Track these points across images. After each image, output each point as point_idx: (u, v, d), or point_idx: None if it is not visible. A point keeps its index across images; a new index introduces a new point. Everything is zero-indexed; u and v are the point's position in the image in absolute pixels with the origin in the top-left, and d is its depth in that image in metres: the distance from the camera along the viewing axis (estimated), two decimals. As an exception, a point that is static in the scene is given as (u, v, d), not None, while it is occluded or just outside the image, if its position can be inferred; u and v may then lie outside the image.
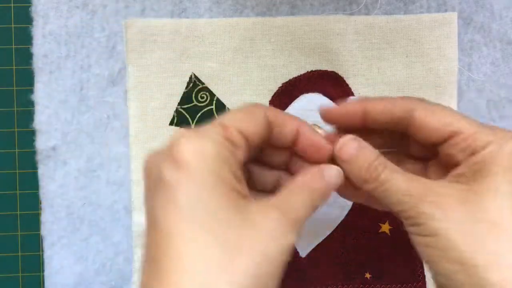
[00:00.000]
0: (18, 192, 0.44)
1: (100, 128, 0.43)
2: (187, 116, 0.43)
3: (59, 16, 0.43)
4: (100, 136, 0.43)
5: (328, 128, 0.43)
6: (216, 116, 0.42)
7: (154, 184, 0.27)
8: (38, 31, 0.43)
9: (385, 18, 0.43)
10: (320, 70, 0.43)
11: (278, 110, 0.33)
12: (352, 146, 0.32)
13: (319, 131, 0.43)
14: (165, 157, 0.27)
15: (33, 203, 0.44)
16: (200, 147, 0.27)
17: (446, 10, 0.43)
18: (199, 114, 0.43)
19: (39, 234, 0.43)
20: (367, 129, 0.34)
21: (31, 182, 0.44)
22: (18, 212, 0.44)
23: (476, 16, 0.44)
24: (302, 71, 0.43)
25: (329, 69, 0.43)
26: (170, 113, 0.43)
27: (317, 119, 0.43)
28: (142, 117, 0.43)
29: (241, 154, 0.29)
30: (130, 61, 0.43)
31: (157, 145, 0.42)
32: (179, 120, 0.43)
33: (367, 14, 0.43)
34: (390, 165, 0.31)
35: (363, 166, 0.31)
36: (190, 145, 0.27)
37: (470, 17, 0.44)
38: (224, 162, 0.27)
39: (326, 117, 0.35)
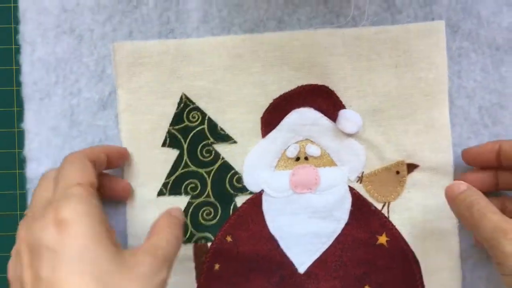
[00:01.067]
0: (18, 192, 0.44)
1: (93, 153, 0.43)
2: (179, 137, 0.43)
3: (47, 43, 0.43)
4: (93, 161, 0.43)
5: (324, 144, 0.43)
6: (208, 136, 0.43)
7: (37, 249, 0.31)
8: (27, 58, 0.43)
9: (373, 29, 0.43)
10: (310, 85, 0.43)
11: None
12: (458, 187, 0.37)
13: (313, 146, 0.44)
14: (43, 224, 0.31)
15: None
16: (74, 209, 0.31)
17: (433, 19, 0.43)
18: (191, 134, 0.43)
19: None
20: (501, 167, 0.40)
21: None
22: (18, 212, 0.44)
23: (463, 23, 0.44)
24: (293, 86, 0.43)
25: (320, 83, 0.43)
26: (162, 134, 0.43)
27: (309, 133, 0.44)
28: (134, 140, 0.43)
29: (100, 205, 0.34)
30: (119, 84, 0.43)
31: (149, 167, 0.43)
32: (171, 141, 0.43)
33: (354, 26, 0.43)
34: (489, 205, 0.35)
35: (462, 204, 0.36)
36: (66, 209, 0.31)
37: (458, 25, 0.44)
38: (95, 217, 0.32)
39: (465, 157, 0.42)
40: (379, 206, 0.44)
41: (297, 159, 0.44)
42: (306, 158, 0.44)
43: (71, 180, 0.34)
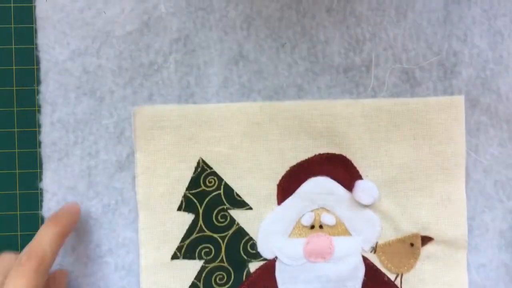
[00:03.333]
0: (18, 192, 0.44)
1: (108, 214, 0.43)
2: (195, 201, 0.43)
3: (67, 103, 0.43)
4: (109, 222, 0.43)
5: (339, 213, 0.43)
6: (224, 201, 0.43)
7: None
8: (46, 119, 0.43)
9: (392, 101, 0.43)
10: (327, 153, 0.43)
11: None
12: None
13: (328, 215, 0.44)
14: None
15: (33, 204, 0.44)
16: None
17: (452, 93, 0.44)
18: (207, 199, 0.43)
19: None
20: None
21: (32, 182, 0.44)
22: (18, 213, 0.44)
23: (482, 98, 0.44)
24: (310, 155, 0.43)
25: (337, 152, 0.43)
26: (178, 198, 0.43)
27: (325, 202, 0.44)
28: (150, 203, 0.43)
29: None
30: (138, 147, 0.43)
31: (164, 231, 0.43)
32: (187, 205, 0.43)
33: (373, 96, 0.44)
34: None
35: None
36: None
37: (477, 99, 0.44)
38: None
39: None
40: (392, 277, 0.44)
41: (312, 227, 0.44)
42: (320, 227, 0.44)
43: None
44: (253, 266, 0.43)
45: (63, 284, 0.41)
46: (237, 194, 0.43)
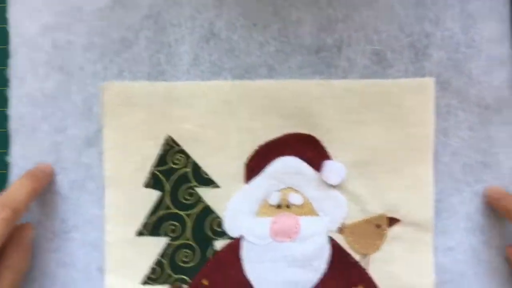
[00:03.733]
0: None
1: (75, 190, 0.43)
2: (162, 178, 0.43)
3: (36, 78, 0.43)
4: (75, 198, 0.43)
5: (307, 193, 0.43)
6: (191, 179, 0.43)
7: None
8: (15, 93, 0.43)
9: (363, 82, 0.43)
10: (297, 134, 0.43)
11: None
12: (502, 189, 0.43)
13: (295, 194, 0.44)
14: None
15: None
16: None
17: (424, 74, 0.43)
18: (174, 176, 0.43)
19: None
20: None
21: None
22: None
23: (453, 81, 0.43)
24: (279, 134, 0.43)
25: (307, 133, 0.43)
26: (145, 175, 0.43)
27: (293, 182, 0.44)
28: (117, 179, 0.43)
29: None
30: (106, 123, 0.43)
31: (131, 207, 0.43)
32: (154, 182, 0.43)
33: (345, 77, 0.43)
34: None
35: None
36: None
37: (448, 82, 0.43)
38: None
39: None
40: (358, 258, 0.44)
41: (279, 206, 0.44)
42: (288, 206, 0.44)
43: None
44: (219, 244, 0.43)
45: (27, 238, 0.41)
46: (205, 172, 0.43)
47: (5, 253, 0.39)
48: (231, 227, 0.43)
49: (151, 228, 0.43)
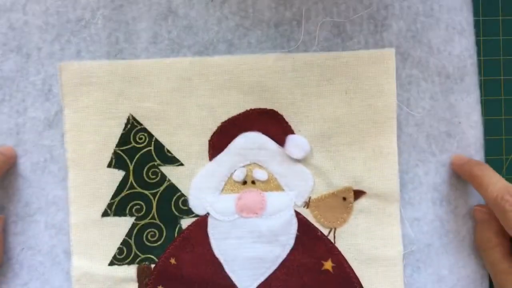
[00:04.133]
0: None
1: (37, 172, 0.43)
2: (125, 158, 0.43)
3: (-7, 61, 0.42)
4: (38, 180, 0.43)
5: (271, 168, 0.43)
6: (155, 157, 0.43)
7: None
8: (-28, 76, 0.42)
9: (324, 55, 0.43)
10: (259, 109, 0.43)
11: None
12: (463, 156, 0.44)
13: (260, 170, 0.44)
14: None
15: None
16: None
17: (383, 46, 0.43)
18: (137, 155, 0.43)
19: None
20: None
21: None
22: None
23: (413, 51, 0.44)
24: (241, 110, 0.43)
25: (268, 107, 0.43)
26: (108, 155, 0.43)
27: (257, 157, 0.44)
28: (79, 160, 0.43)
29: None
30: (66, 104, 0.43)
31: (95, 188, 0.43)
32: (117, 162, 0.43)
33: (305, 51, 0.43)
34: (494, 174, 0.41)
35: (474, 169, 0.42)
36: None
37: (408, 52, 0.44)
38: None
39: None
40: (325, 231, 0.44)
41: (244, 183, 0.43)
42: (253, 182, 0.43)
43: None
44: (185, 222, 0.43)
45: None
46: (168, 150, 0.43)
47: None
48: (197, 204, 0.43)
49: (116, 208, 0.43)
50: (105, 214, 0.43)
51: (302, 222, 0.43)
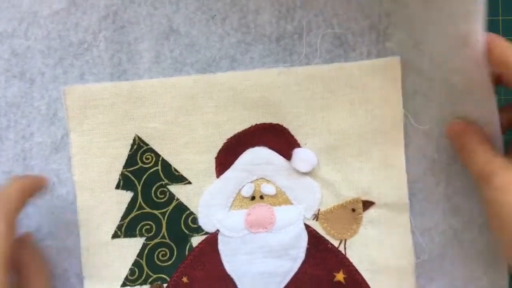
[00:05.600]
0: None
1: (46, 197, 0.43)
2: (133, 179, 0.43)
3: (-3, 87, 0.43)
4: (47, 205, 0.43)
5: (279, 182, 0.43)
6: (162, 177, 0.43)
7: None
8: (-24, 104, 0.43)
9: (326, 67, 0.43)
10: (264, 124, 0.43)
11: None
12: (457, 124, 0.41)
13: (268, 185, 0.43)
14: None
15: None
16: None
17: (386, 56, 0.43)
18: (145, 176, 0.43)
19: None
20: None
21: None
22: None
23: (417, 60, 0.43)
24: (246, 126, 0.43)
25: (274, 122, 0.43)
26: (115, 176, 0.43)
27: (264, 172, 0.44)
28: (87, 183, 0.43)
29: None
30: (71, 127, 0.43)
31: (104, 210, 0.43)
32: (125, 183, 0.43)
33: (308, 63, 0.43)
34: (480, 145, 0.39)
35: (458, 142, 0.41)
36: None
37: (411, 61, 0.43)
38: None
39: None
40: (335, 243, 0.43)
41: (253, 198, 0.43)
42: (261, 197, 0.43)
43: None
44: (196, 240, 0.43)
45: (32, 243, 0.41)
46: (175, 169, 0.43)
47: (27, 280, 0.38)
48: (206, 222, 0.43)
49: (126, 229, 0.43)
50: (115, 235, 0.43)
51: (312, 235, 0.43)
